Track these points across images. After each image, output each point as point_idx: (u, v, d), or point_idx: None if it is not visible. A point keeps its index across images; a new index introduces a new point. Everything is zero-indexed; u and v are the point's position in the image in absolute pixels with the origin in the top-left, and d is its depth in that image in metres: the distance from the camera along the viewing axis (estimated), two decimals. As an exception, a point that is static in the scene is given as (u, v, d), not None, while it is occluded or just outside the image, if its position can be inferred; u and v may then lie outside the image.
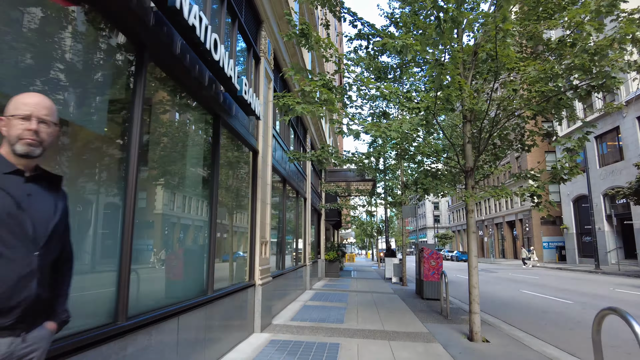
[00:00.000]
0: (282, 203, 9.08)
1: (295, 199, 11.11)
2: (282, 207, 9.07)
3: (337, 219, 18.78)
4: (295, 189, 10.77)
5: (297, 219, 11.08)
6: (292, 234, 10.81)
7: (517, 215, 41.66)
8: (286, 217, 9.72)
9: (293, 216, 10.98)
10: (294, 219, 11.01)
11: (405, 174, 15.39)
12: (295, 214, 11.07)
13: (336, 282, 15.99)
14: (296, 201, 11.11)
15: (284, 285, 8.67)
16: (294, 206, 11.02)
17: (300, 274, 11.18)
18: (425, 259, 11.21)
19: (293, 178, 10.40)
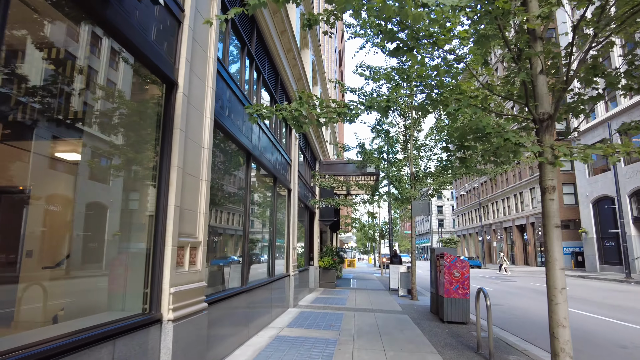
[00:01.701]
0: (245, 189, 6.17)
1: (272, 188, 8.21)
2: (245, 195, 6.16)
3: (333, 218, 15.90)
4: (271, 172, 7.87)
5: (274, 214, 8.17)
6: (265, 234, 7.89)
7: (529, 218, 38.56)
8: (252, 210, 6.81)
9: (269, 210, 8.06)
10: (269, 214, 8.10)
11: (416, 163, 12.46)
12: (273, 208, 8.16)
13: (331, 294, 13.01)
14: (273, 191, 8.20)
15: (243, 309, 5.74)
16: (269, 197, 8.11)
17: (279, 288, 8.25)
18: (446, 268, 8.26)
19: (268, 158, 7.52)
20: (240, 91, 5.78)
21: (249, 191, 6.14)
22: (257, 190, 7.26)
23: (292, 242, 9.73)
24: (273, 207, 8.12)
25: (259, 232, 7.46)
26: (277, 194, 8.33)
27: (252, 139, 6.33)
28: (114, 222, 3.19)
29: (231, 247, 5.94)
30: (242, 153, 6.09)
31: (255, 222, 7.11)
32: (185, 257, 3.80)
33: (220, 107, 5.00)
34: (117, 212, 3.25)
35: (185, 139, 3.85)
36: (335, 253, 17.10)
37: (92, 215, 2.91)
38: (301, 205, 12.93)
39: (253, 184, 6.81)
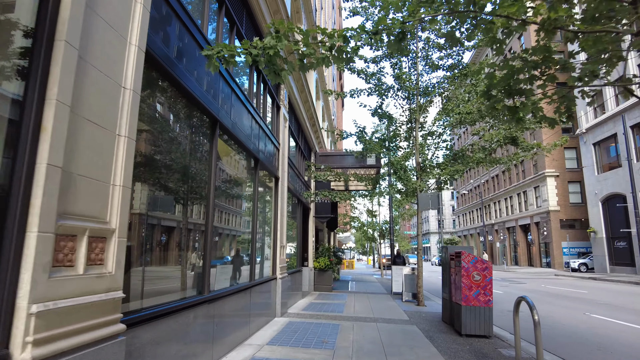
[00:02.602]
0: (208, 168, 4.67)
1: (253, 173, 6.71)
2: (209, 177, 4.67)
3: (330, 215, 14.44)
4: (251, 153, 6.39)
5: (255, 205, 6.67)
6: (243, 229, 6.39)
7: (533, 218, 37.10)
8: (220, 196, 5.32)
9: (248, 200, 6.58)
10: (249, 204, 6.61)
11: (422, 151, 10.99)
12: (254, 198, 6.67)
13: (327, 299, 11.52)
14: (255, 176, 6.70)
15: (203, 325, 4.26)
16: (248, 183, 6.62)
17: (262, 294, 6.77)
18: (465, 270, 6.78)
19: (246, 133, 6.03)
20: (199, 31, 4.29)
21: (214, 171, 4.65)
22: (229, 172, 5.77)
23: (281, 240, 8.24)
24: (254, 196, 6.63)
25: (234, 227, 5.97)
26: (259, 180, 6.84)
27: (220, 103, 4.85)
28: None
29: (193, 244, 4.46)
30: (204, 119, 4.60)
31: (227, 214, 5.63)
32: (79, 252, 2.31)
33: (163, 41, 3.52)
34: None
35: (83, 64, 2.37)
36: (332, 253, 15.60)
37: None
38: (294, 200, 11.45)
39: (222, 163, 5.32)
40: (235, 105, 5.46)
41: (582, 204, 33.90)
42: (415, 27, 10.84)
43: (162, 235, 3.85)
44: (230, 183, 5.79)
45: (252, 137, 6.34)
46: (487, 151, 10.70)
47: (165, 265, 3.89)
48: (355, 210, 26.24)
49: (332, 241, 23.28)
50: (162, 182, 3.77)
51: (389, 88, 11.06)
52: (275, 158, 8.15)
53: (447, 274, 7.93)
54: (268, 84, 7.65)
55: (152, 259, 3.63)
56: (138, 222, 3.35)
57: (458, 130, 11.24)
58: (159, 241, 3.78)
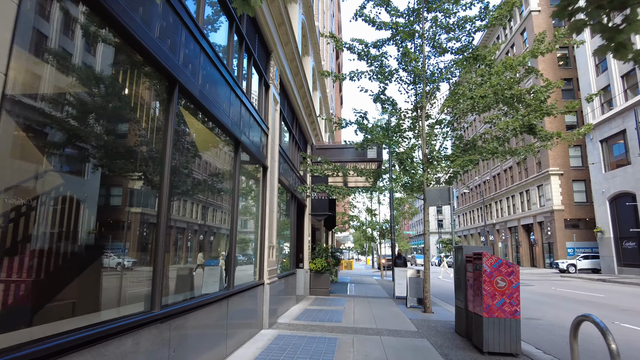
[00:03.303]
0: (163, 138, 3.52)
1: (233, 157, 5.54)
2: (163, 151, 3.51)
3: (328, 213, 13.30)
4: (229, 131, 5.23)
5: (234, 195, 5.50)
6: (218, 225, 5.22)
7: (536, 217, 36.03)
8: (173, 173, 4.17)
9: (221, 187, 5.41)
10: (226, 195, 5.44)
11: (429, 142, 9.85)
12: (233, 187, 5.50)
13: (323, 305, 10.37)
14: (235, 161, 5.53)
15: (160, 351, 3.11)
16: (225, 168, 5.44)
17: (245, 303, 5.63)
18: (487, 274, 5.65)
19: (222, 108, 4.88)
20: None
21: (169, 147, 3.49)
22: (198, 153, 4.62)
23: (269, 239, 7.09)
24: (234, 185, 5.47)
25: (207, 222, 4.81)
26: (241, 168, 5.67)
27: (183, 60, 3.70)
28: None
29: (140, 244, 3.31)
30: (155, 76, 3.44)
31: (198, 206, 4.49)
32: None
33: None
34: None
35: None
36: (330, 253, 14.47)
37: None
38: (287, 195, 10.31)
39: (183, 136, 4.16)
40: (206, 69, 4.31)
41: (587, 203, 32.86)
42: (422, 5, 9.72)
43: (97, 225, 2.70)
44: (201, 168, 4.65)
45: (232, 114, 5.19)
46: (500, 141, 9.59)
47: (91, 274, 2.74)
48: (354, 208, 25.11)
49: (330, 241, 22.13)
50: (82, 154, 2.62)
51: (392, 72, 9.92)
52: (263, 144, 7.00)
53: (462, 278, 6.80)
54: (254, 55, 6.49)
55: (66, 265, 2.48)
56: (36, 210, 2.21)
57: (468, 118, 10.05)
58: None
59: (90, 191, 2.72)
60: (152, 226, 3.35)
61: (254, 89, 6.72)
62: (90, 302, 2.66)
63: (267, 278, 6.82)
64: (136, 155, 3.24)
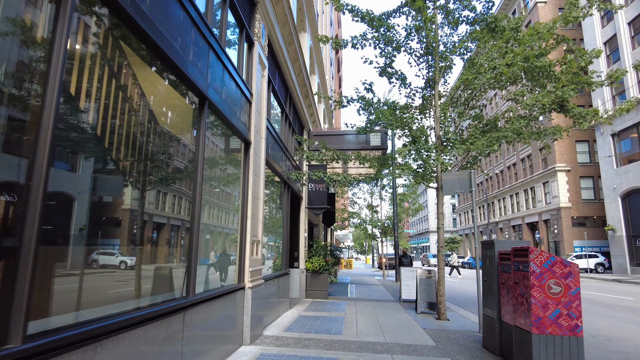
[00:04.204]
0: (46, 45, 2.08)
1: (197, 116, 4.07)
2: (45, 65, 2.08)
3: (326, 206, 11.87)
4: (190, 82, 3.78)
5: (199, 170, 4.02)
6: (173, 212, 3.76)
7: (542, 215, 34.62)
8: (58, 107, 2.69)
9: (182, 161, 3.95)
10: (179, 162, 3.97)
11: (443, 121, 8.42)
12: (196, 157, 4.03)
13: (321, 310, 8.93)
14: (197, 120, 4.06)
15: None
16: (177, 124, 3.97)
17: (215, 315, 4.21)
18: (535, 276, 4.21)
19: (168, 35, 3.44)
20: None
21: (59, 69, 2.06)
22: (137, 95, 3.16)
23: (252, 232, 5.66)
24: (196, 159, 4.02)
25: (145, 208, 3.37)
26: (205, 132, 4.18)
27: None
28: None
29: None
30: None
31: (132, 185, 3.06)
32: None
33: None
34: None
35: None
36: (328, 252, 13.05)
37: None
38: (280, 184, 8.88)
39: (115, 71, 2.72)
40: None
41: (595, 201, 31.49)
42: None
43: None
44: (145, 129, 3.21)
45: (195, 58, 3.76)
46: (526, 120, 8.18)
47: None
48: (354, 205, 23.68)
49: (329, 238, 20.70)
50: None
51: (399, 45, 8.49)
52: (243, 111, 5.56)
53: (494, 281, 5.38)
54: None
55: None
56: None
57: (488, 94, 8.59)
58: None
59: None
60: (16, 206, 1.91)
61: (231, 38, 5.27)
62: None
63: (249, 281, 5.38)
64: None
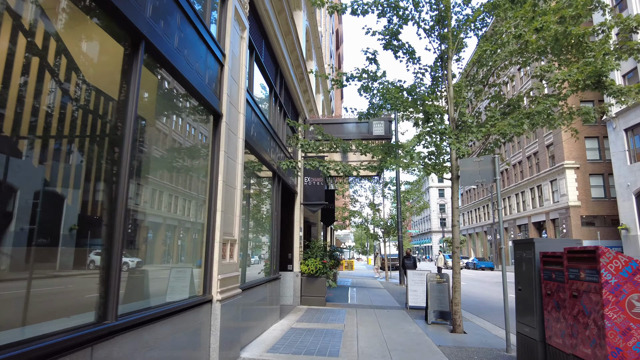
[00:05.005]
0: None
1: (129, 61, 2.84)
2: None
3: (324, 202, 10.62)
4: (115, 9, 2.52)
5: (126, 136, 2.78)
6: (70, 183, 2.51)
7: (549, 214, 33.27)
8: None
9: (104, 117, 2.70)
10: (109, 133, 2.72)
11: (458, 100, 7.16)
12: (123, 118, 2.79)
13: (316, 322, 7.68)
14: (128, 67, 2.84)
15: None
16: (108, 82, 2.74)
17: (157, 342, 2.96)
18: (609, 289, 2.96)
19: None
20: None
21: None
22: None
23: (223, 229, 4.41)
24: (125, 113, 2.77)
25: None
26: (137, 75, 2.89)
27: None
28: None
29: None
30: None
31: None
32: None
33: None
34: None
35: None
36: (327, 253, 11.80)
37: None
38: (271, 178, 7.65)
39: None
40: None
41: (605, 199, 30.16)
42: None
43: None
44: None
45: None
46: (555, 99, 6.91)
47: None
48: (355, 203, 22.42)
49: (329, 238, 19.44)
50: None
51: (407, 18, 7.26)
52: (210, 73, 4.31)
53: (534, 292, 4.12)
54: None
55: None
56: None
57: (508, 71, 7.31)
58: None
59: None
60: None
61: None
62: None
63: (219, 291, 4.13)
64: None
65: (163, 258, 3.61)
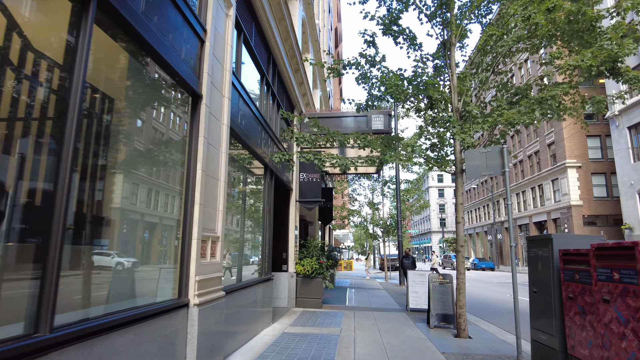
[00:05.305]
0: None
1: (77, 15, 2.36)
2: None
3: (320, 200, 10.13)
4: None
5: (66, 109, 2.31)
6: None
7: (550, 214, 32.80)
8: None
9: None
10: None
11: (461, 88, 6.68)
12: (69, 81, 2.31)
13: (311, 326, 7.18)
14: (77, 30, 2.36)
15: None
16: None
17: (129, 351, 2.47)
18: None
19: None
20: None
21: None
22: None
23: (201, 225, 3.92)
24: (71, 78, 2.28)
25: None
26: (87, 33, 2.43)
27: None
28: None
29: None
30: None
31: None
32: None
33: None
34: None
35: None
36: (325, 252, 11.31)
37: None
38: (264, 173, 7.16)
39: None
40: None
41: (607, 198, 29.69)
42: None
43: None
44: None
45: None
46: (567, 86, 6.42)
47: None
48: (355, 202, 21.93)
49: (327, 238, 18.94)
50: None
51: (408, 3, 6.79)
52: (188, 48, 3.83)
53: (553, 294, 3.64)
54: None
55: None
56: None
57: (516, 58, 6.81)
58: None
59: None
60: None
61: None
62: None
63: (197, 294, 3.64)
64: None
65: (130, 257, 3.13)
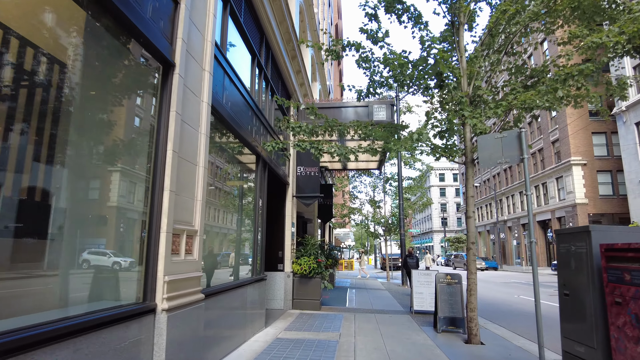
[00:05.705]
0: None
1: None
2: None
3: (318, 195, 9.53)
4: None
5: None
6: None
7: (555, 212, 32.13)
8: None
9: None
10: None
11: (472, 71, 6.06)
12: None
13: (307, 330, 6.56)
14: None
15: None
16: None
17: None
18: None
19: None
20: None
21: None
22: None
23: (172, 216, 3.32)
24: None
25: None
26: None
27: None
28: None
29: None
30: None
31: None
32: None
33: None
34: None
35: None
36: (324, 251, 10.70)
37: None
38: (255, 164, 6.56)
39: None
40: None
41: (613, 196, 29.02)
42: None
43: None
44: None
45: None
46: (589, 67, 5.80)
47: None
48: (355, 200, 21.32)
49: (327, 236, 18.34)
50: None
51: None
52: (156, 7, 3.23)
53: (591, 298, 3.04)
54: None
55: None
56: None
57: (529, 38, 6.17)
58: None
59: None
60: None
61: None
62: None
63: (167, 298, 3.04)
64: None
65: (75, 254, 2.53)
